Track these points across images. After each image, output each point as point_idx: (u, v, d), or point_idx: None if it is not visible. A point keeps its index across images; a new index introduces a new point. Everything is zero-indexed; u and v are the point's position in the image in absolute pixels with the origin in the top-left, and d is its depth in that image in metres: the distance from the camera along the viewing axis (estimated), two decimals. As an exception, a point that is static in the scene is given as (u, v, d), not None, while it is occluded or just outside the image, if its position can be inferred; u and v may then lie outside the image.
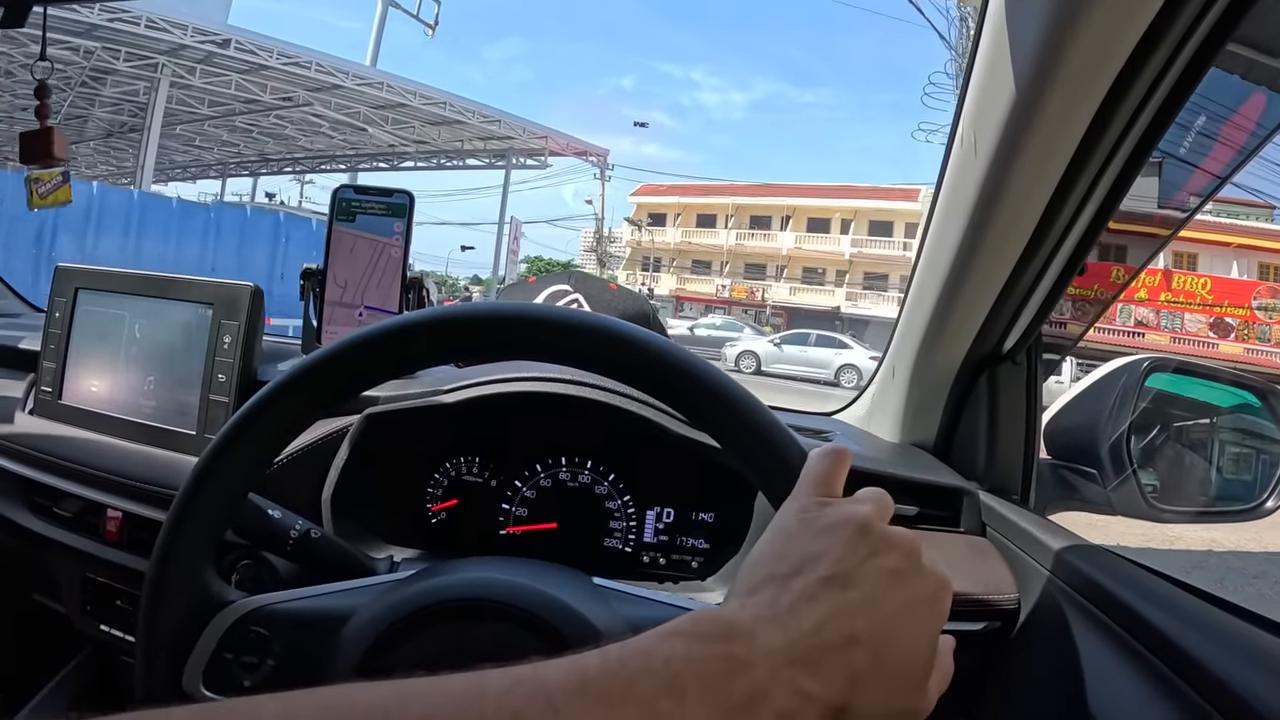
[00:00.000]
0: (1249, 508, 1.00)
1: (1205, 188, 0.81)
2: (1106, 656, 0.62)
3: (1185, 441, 1.06)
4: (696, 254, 33.21)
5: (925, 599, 0.35)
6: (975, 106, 0.67)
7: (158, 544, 0.50)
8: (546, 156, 21.03)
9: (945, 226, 0.76)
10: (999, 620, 0.74)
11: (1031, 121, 0.60)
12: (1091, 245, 0.72)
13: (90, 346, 0.93)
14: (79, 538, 0.87)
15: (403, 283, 0.81)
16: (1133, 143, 0.62)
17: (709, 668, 0.28)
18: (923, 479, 0.81)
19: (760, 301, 30.93)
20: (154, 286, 0.89)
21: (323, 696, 0.25)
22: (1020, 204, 0.67)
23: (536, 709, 0.26)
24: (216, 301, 0.83)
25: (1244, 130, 0.76)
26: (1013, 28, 0.58)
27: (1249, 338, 17.53)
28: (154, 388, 0.88)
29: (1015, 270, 0.73)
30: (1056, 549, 0.71)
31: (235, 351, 0.82)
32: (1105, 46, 0.55)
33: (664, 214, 33.94)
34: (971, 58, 0.68)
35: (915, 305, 0.84)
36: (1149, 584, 0.64)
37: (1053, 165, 0.64)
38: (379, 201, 0.81)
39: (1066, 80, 0.57)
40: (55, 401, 0.95)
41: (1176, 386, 1.00)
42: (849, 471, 0.44)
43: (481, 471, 0.80)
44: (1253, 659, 0.50)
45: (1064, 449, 0.94)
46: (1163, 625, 0.57)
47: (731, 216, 32.56)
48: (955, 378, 0.85)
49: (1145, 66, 0.56)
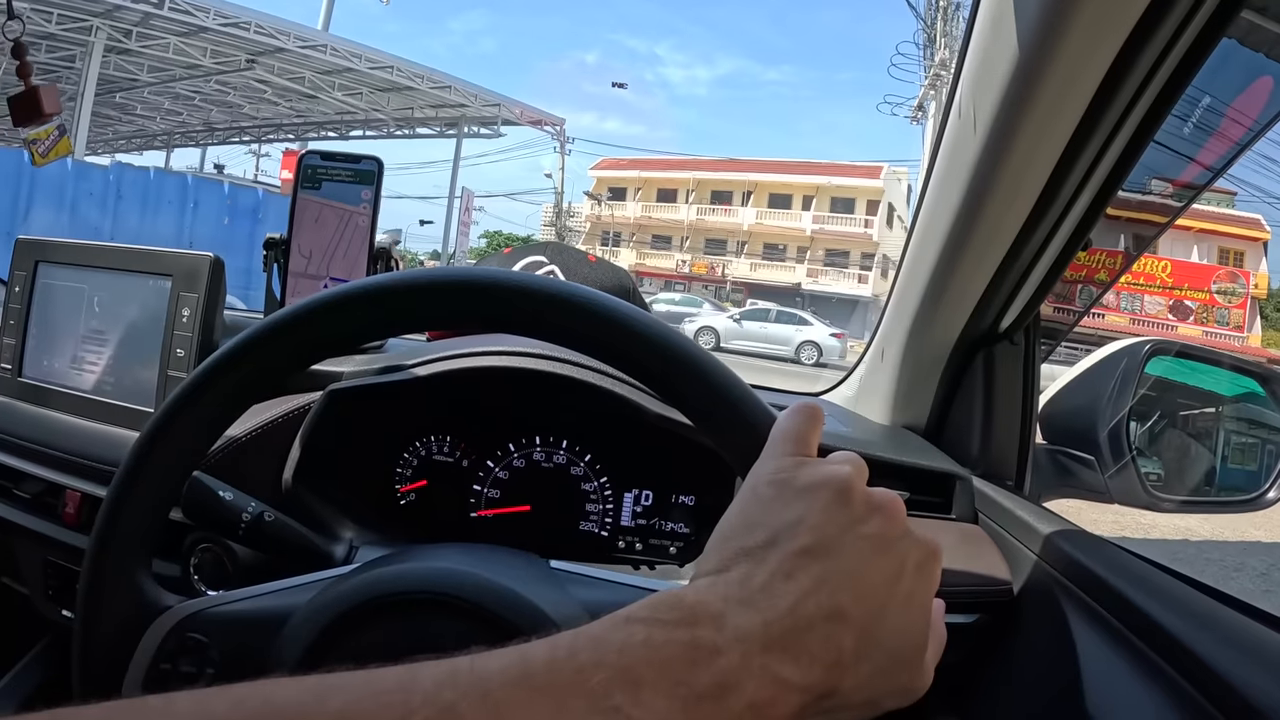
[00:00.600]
0: (1250, 498, 0.97)
1: (1216, 162, 0.78)
2: (1101, 647, 0.60)
3: (1186, 429, 1.02)
4: (657, 229, 33.05)
5: (914, 566, 0.32)
6: (975, 69, 0.63)
7: (96, 526, 0.47)
8: (500, 125, 20.13)
9: (941, 197, 0.72)
10: (992, 611, 0.71)
11: (1036, 82, 0.56)
12: (1097, 218, 0.69)
13: (50, 321, 0.90)
14: (39, 520, 0.84)
15: (370, 253, 0.77)
16: (1145, 106, 0.59)
17: (669, 655, 0.26)
18: (914, 463, 0.78)
19: (721, 277, 30.80)
20: (113, 258, 0.85)
21: (239, 692, 0.23)
22: (1022, 172, 0.64)
23: (470, 703, 0.23)
24: (175, 273, 0.79)
25: (1250, 114, 0.73)
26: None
27: (1208, 321, 17.91)
28: (113, 363, 0.85)
29: (1015, 244, 0.70)
30: (1052, 538, 0.68)
31: (194, 324, 0.78)
32: (1113, 8, 0.51)
33: (624, 188, 33.70)
34: (971, 21, 0.64)
35: (908, 281, 0.81)
36: (1145, 574, 0.62)
37: (1058, 129, 0.60)
38: (346, 168, 0.77)
39: (1073, 40, 0.53)
40: (15, 379, 0.91)
41: (1178, 372, 0.97)
42: None
43: (452, 451, 0.77)
44: (1248, 652, 0.48)
45: (1061, 434, 0.91)
46: (1158, 616, 0.55)
47: (693, 191, 32.34)
48: (949, 357, 0.82)
49: (1158, 29, 0.53)
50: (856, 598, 0.29)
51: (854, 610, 0.29)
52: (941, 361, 0.82)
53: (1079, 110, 0.58)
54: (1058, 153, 0.61)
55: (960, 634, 0.71)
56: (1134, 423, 0.89)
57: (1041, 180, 0.64)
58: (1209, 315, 18.18)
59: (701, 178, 32.37)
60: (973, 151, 0.65)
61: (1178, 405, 0.98)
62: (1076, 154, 0.62)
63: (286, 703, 0.23)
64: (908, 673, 0.31)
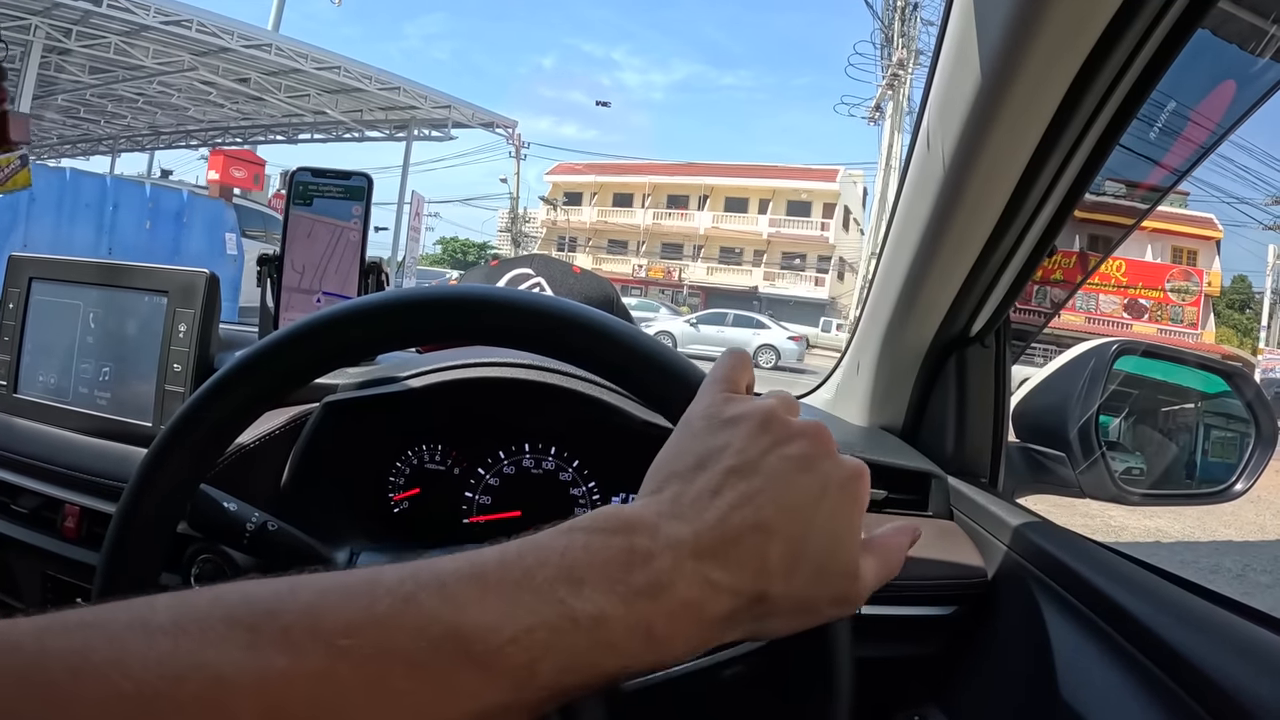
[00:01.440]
0: (1218, 490, 1.01)
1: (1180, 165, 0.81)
2: (1074, 637, 0.62)
3: (1154, 425, 1.06)
4: (613, 233, 33.13)
5: (838, 484, 0.34)
6: (942, 86, 0.66)
7: (107, 540, 0.49)
8: (450, 127, 18.87)
9: (913, 207, 0.75)
10: (967, 603, 0.73)
11: (1000, 99, 0.59)
12: (1062, 226, 0.72)
13: (45, 338, 0.91)
14: (37, 535, 0.85)
15: (361, 267, 0.79)
16: (1106, 118, 0.62)
17: (607, 557, 0.28)
18: (889, 462, 0.81)
19: (677, 281, 30.85)
20: (109, 275, 0.87)
21: (218, 589, 0.25)
22: (988, 184, 0.67)
23: (429, 594, 0.25)
24: (171, 289, 0.81)
25: (1211, 118, 0.76)
26: (980, 5, 0.58)
27: (1162, 319, 18.23)
28: (109, 379, 0.86)
29: (984, 251, 0.73)
30: (1024, 532, 0.71)
31: (191, 340, 0.80)
32: (1076, 24, 0.54)
33: (580, 193, 33.77)
34: (939, 42, 0.67)
35: (883, 286, 0.84)
36: (1111, 563, 0.65)
37: (1022, 143, 0.63)
38: (337, 184, 0.79)
39: (1037, 57, 0.56)
40: (10, 395, 0.92)
41: (1144, 370, 1.00)
42: None
43: (444, 459, 0.79)
44: (1207, 633, 0.51)
45: (1033, 432, 0.94)
46: (1128, 605, 0.58)
47: (649, 196, 32.46)
48: (923, 360, 0.85)
49: (1118, 44, 0.56)
50: (780, 512, 0.32)
51: (779, 524, 0.31)
52: (916, 364, 0.85)
53: (1042, 125, 0.62)
54: (1023, 165, 0.64)
55: (938, 625, 0.74)
56: (1103, 420, 0.93)
57: (1007, 191, 0.67)
58: (1163, 313, 18.53)
59: (657, 182, 32.41)
60: (941, 165, 0.68)
61: (1145, 403, 1.02)
62: (1040, 165, 0.65)
63: (261, 595, 0.24)
64: (840, 582, 0.34)
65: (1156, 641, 0.53)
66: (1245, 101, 0.72)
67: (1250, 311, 22.73)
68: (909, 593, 0.73)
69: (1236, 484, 1.00)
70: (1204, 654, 0.50)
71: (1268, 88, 0.69)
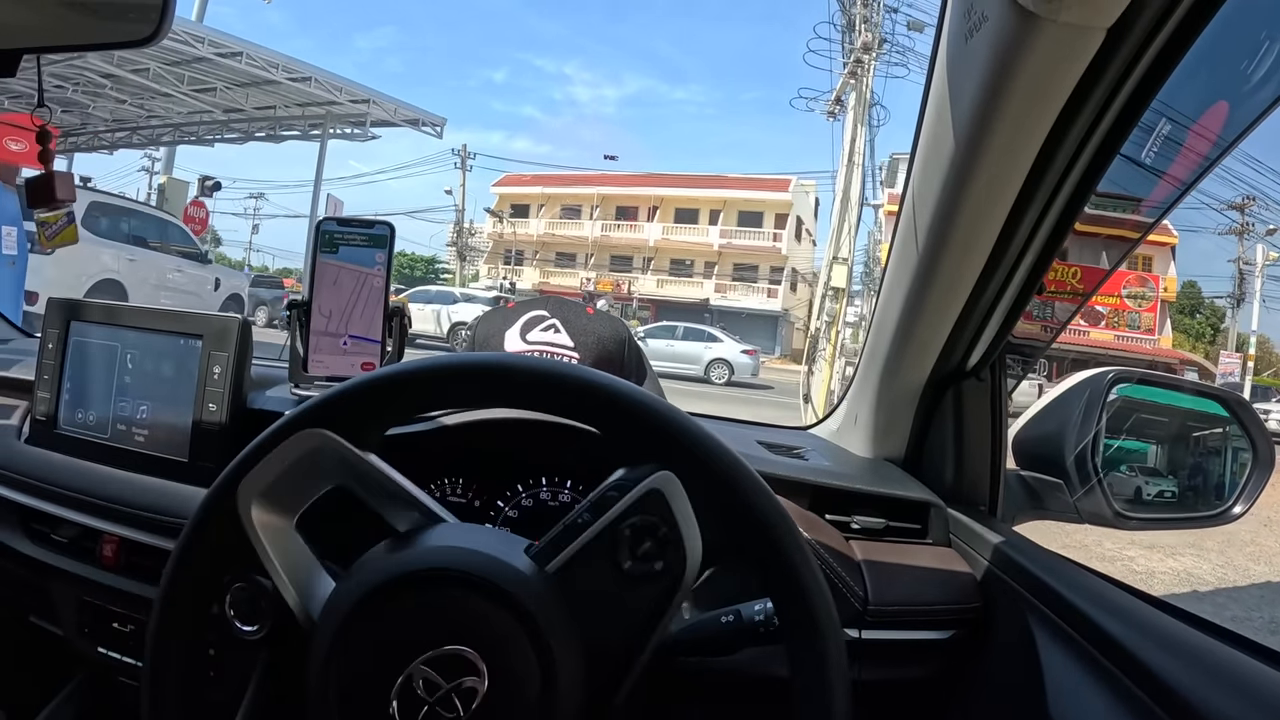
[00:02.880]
0: (1215, 513, 1.03)
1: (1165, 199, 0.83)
2: (1064, 661, 0.65)
3: (1152, 450, 1.08)
4: (561, 246, 32.31)
5: None
6: (927, 140, 0.70)
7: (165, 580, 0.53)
8: (369, 125, 16.13)
9: (905, 250, 0.79)
10: (964, 628, 0.77)
11: (979, 154, 0.63)
12: (1048, 266, 0.75)
13: (84, 376, 0.96)
14: (76, 563, 0.89)
15: (385, 311, 0.84)
16: (1082, 168, 0.66)
17: None
18: (890, 493, 0.84)
19: (627, 294, 29.30)
20: (145, 318, 0.92)
21: None
22: (974, 230, 0.71)
23: None
24: (206, 333, 0.86)
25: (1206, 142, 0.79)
26: (955, 75, 0.62)
27: (1119, 325, 18.02)
28: (147, 416, 0.91)
29: (974, 291, 0.77)
30: (1016, 559, 0.74)
31: (225, 381, 0.84)
32: (1046, 85, 0.58)
33: (527, 205, 32.84)
34: (925, 94, 0.71)
35: (881, 324, 0.87)
36: (1101, 591, 0.68)
37: (1004, 193, 0.67)
38: (360, 234, 0.84)
39: (1009, 117, 0.60)
40: (51, 431, 0.97)
41: (1141, 397, 1.03)
42: (820, 487, 0.47)
43: (465, 493, 0.83)
44: (1203, 668, 0.54)
45: (1032, 459, 0.97)
46: (1114, 631, 0.60)
47: (597, 207, 31.53)
48: (922, 394, 0.88)
49: (1088, 100, 0.60)
50: None
51: None
52: (915, 398, 0.89)
53: (1021, 175, 0.65)
54: (1005, 212, 0.68)
55: (937, 649, 0.77)
56: (1100, 447, 0.95)
57: (993, 237, 0.70)
58: (1120, 320, 18.32)
59: (606, 193, 31.48)
60: (929, 210, 0.71)
61: (1142, 429, 1.04)
62: (1022, 212, 0.68)
63: None
64: None
65: (1142, 668, 0.56)
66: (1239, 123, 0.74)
67: (1200, 317, 22.55)
68: (908, 617, 0.76)
69: (1235, 506, 1.02)
70: (1183, 679, 0.53)
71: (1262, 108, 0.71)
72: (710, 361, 16.29)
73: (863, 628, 0.74)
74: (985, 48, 0.56)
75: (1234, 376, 16.87)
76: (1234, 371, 17.12)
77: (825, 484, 0.83)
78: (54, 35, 0.71)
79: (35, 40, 0.72)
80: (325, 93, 14.51)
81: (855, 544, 0.80)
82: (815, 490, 0.83)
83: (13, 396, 1.09)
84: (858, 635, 0.73)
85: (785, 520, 0.49)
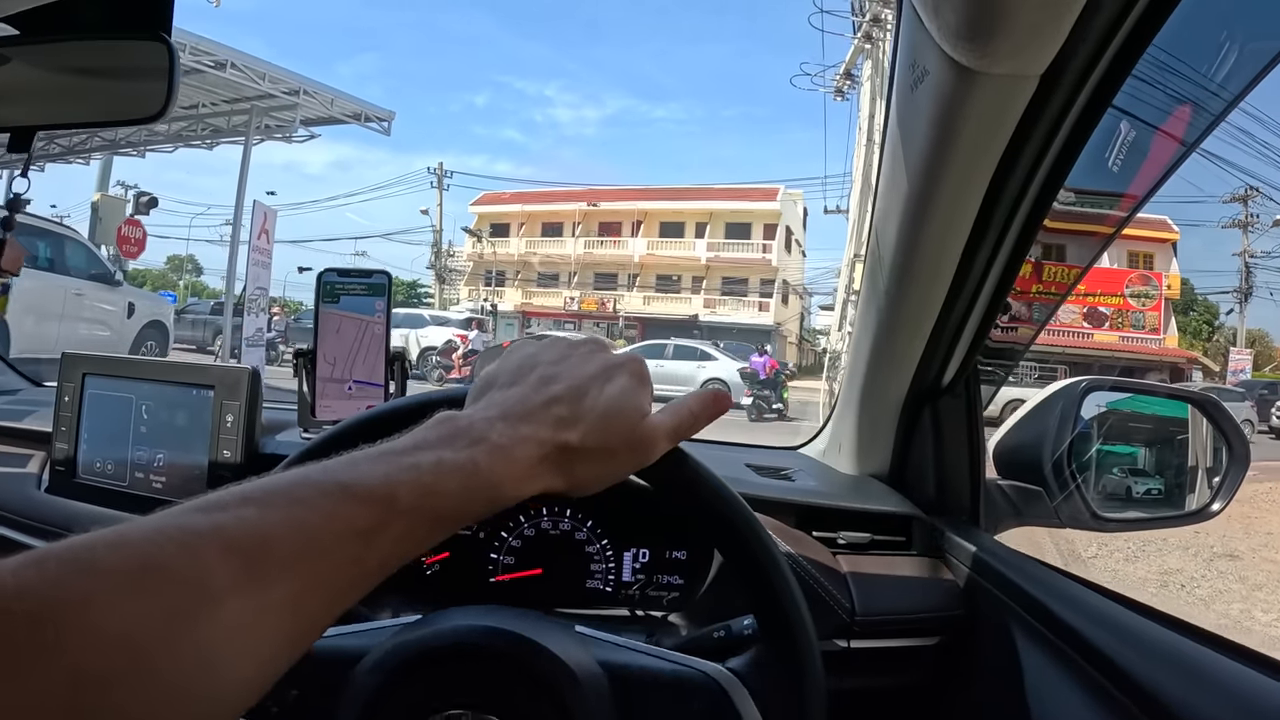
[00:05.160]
0: (1194, 511, 1.06)
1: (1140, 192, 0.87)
2: (1046, 665, 0.69)
3: (1126, 453, 1.12)
4: (543, 265, 31.10)
5: (613, 366, 0.46)
6: (887, 177, 0.75)
7: None
8: (298, 123, 13.14)
9: (875, 276, 0.83)
10: (949, 634, 0.80)
11: (932, 196, 0.68)
12: (1009, 288, 0.80)
13: (101, 427, 1.00)
14: None
15: (387, 357, 0.88)
16: (1030, 200, 0.70)
17: (440, 434, 0.40)
18: (875, 509, 0.88)
19: (612, 313, 28.56)
20: (158, 371, 0.97)
21: None
22: (936, 259, 0.75)
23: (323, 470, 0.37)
24: (218, 384, 0.91)
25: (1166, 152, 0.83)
26: (904, 122, 0.66)
27: (1123, 326, 17.62)
28: (163, 464, 0.95)
29: (941, 314, 0.81)
30: (997, 567, 0.78)
31: (238, 429, 0.89)
32: (987, 129, 0.62)
33: (507, 224, 31.67)
34: (884, 131, 0.76)
35: (858, 346, 0.92)
36: (1084, 598, 0.71)
37: (959, 227, 0.72)
38: (360, 283, 0.89)
39: (957, 160, 0.65)
40: (70, 479, 1.01)
41: (1114, 403, 1.07)
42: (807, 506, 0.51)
43: (469, 525, 0.87)
44: (1184, 671, 0.56)
45: (1012, 469, 1.01)
46: (1093, 636, 0.64)
47: (579, 224, 30.22)
48: (900, 412, 0.93)
49: (1029, 139, 0.64)
50: (566, 387, 0.44)
51: (565, 394, 0.43)
52: (895, 416, 0.93)
53: (974, 209, 0.70)
54: (962, 244, 0.73)
55: (923, 656, 0.81)
56: (1076, 454, 0.99)
57: (954, 263, 0.75)
58: (1124, 320, 17.86)
59: (587, 209, 30.18)
60: (892, 242, 0.76)
61: (1116, 434, 1.08)
62: (979, 241, 0.73)
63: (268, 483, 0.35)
64: (628, 431, 0.44)
65: (1121, 672, 0.59)
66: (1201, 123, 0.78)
67: (1195, 314, 22.38)
68: (894, 626, 0.80)
69: (1214, 504, 1.05)
70: (1163, 681, 0.56)
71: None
72: (705, 382, 13.93)
73: (851, 637, 0.77)
74: (928, 99, 0.60)
75: (1245, 374, 16.68)
76: (1245, 369, 16.91)
77: (811, 503, 0.87)
78: (67, 115, 0.75)
79: (49, 119, 0.77)
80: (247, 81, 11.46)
81: (842, 558, 0.84)
82: (801, 509, 0.87)
83: (29, 447, 1.13)
84: (846, 645, 0.77)
85: (761, 537, 0.52)
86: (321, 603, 0.34)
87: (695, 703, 0.53)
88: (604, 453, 0.44)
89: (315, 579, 0.34)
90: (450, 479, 0.38)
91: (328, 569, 0.34)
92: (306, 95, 12.37)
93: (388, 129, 14.20)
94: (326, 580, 0.34)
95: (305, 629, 0.34)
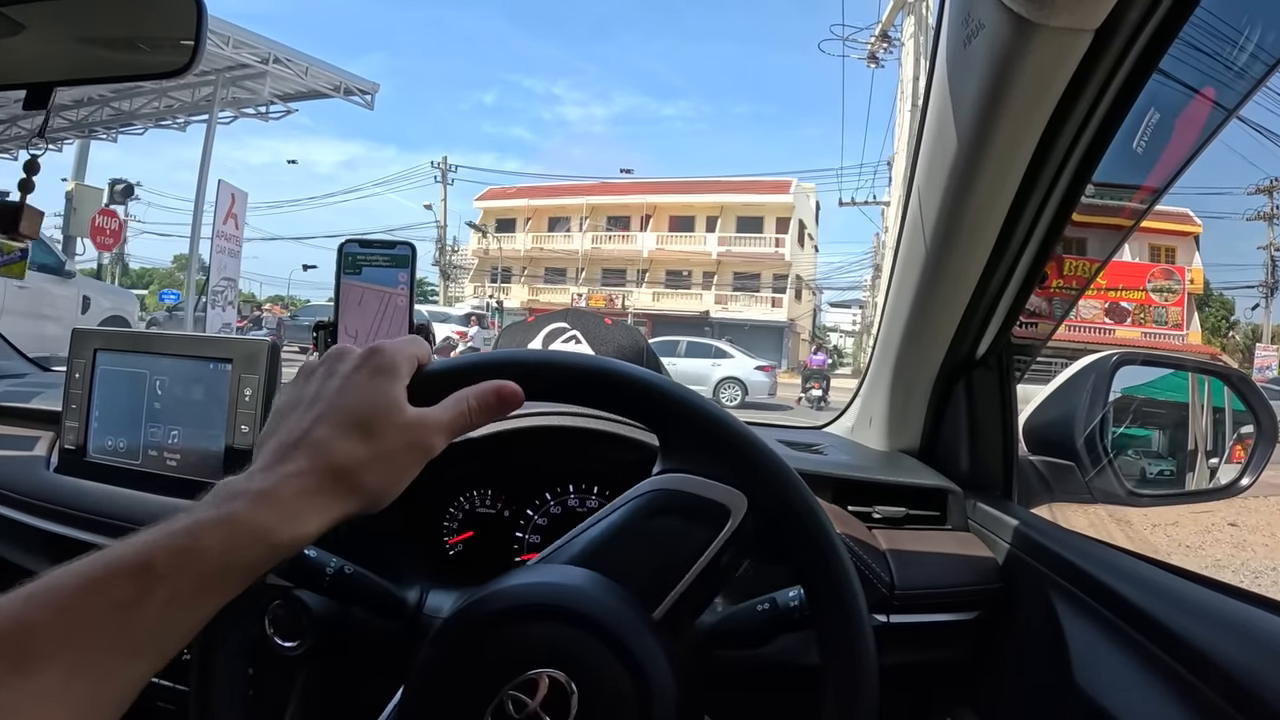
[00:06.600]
0: (1224, 486, 1.05)
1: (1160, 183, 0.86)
2: (1090, 634, 0.67)
3: (1160, 428, 1.11)
4: (549, 261, 30.49)
5: (350, 369, 0.46)
6: (931, 138, 0.73)
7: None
8: (269, 102, 12.65)
9: (913, 245, 0.81)
10: (987, 608, 0.79)
11: (981, 154, 0.66)
12: (1049, 256, 0.78)
13: (113, 404, 0.98)
14: None
15: (410, 330, 0.86)
16: (1076, 161, 0.68)
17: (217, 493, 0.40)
18: (908, 482, 0.87)
19: (621, 310, 27.16)
20: (173, 345, 0.94)
21: None
22: (980, 222, 0.73)
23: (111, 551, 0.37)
24: (236, 357, 0.88)
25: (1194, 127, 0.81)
26: (955, 78, 0.64)
27: (1146, 321, 17.43)
28: (178, 441, 0.93)
29: (980, 282, 0.79)
30: (1035, 538, 0.77)
31: (257, 403, 0.87)
32: (1041, 85, 0.61)
33: (513, 219, 31.06)
34: (926, 94, 0.74)
35: (891, 319, 0.90)
36: (1122, 563, 0.70)
37: (1006, 188, 0.70)
38: (383, 254, 0.86)
39: (1009, 115, 0.63)
40: (81, 459, 0.99)
41: (1145, 377, 1.06)
42: (842, 480, 0.49)
43: (494, 503, 0.85)
44: (1231, 630, 0.55)
45: (1043, 444, 0.99)
46: (1138, 600, 0.62)
47: (586, 218, 29.54)
48: (933, 385, 0.91)
49: (1080, 96, 0.62)
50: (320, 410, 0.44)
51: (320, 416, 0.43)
52: (928, 389, 0.91)
53: (1021, 169, 0.68)
54: (1006, 207, 0.71)
55: (963, 630, 0.79)
56: (1108, 428, 0.98)
57: (996, 229, 0.73)
58: (1146, 315, 17.67)
59: (595, 203, 29.53)
60: (935, 208, 0.74)
61: (1148, 408, 1.07)
62: (1022, 206, 0.71)
63: None
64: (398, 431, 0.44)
65: (1167, 633, 0.58)
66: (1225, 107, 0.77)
67: (1210, 310, 22.35)
68: (933, 600, 0.78)
69: (1242, 479, 1.04)
70: (1212, 641, 0.55)
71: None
72: (720, 381, 14.22)
73: (890, 612, 0.76)
74: (983, 52, 0.58)
75: (1273, 370, 16.63)
76: (1272, 364, 16.86)
77: (846, 476, 0.85)
78: (87, 69, 0.73)
79: (67, 74, 0.74)
80: (212, 47, 10.27)
81: (878, 533, 0.82)
82: (837, 483, 0.85)
83: (37, 427, 1.10)
84: (886, 620, 0.76)
85: (818, 512, 0.51)
86: (90, 682, 0.34)
87: None
88: (379, 458, 0.43)
89: (77, 660, 0.34)
90: (209, 536, 0.38)
91: (90, 646, 0.34)
92: (278, 64, 11.60)
93: (370, 102, 13.81)
94: (90, 660, 0.34)
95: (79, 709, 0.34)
